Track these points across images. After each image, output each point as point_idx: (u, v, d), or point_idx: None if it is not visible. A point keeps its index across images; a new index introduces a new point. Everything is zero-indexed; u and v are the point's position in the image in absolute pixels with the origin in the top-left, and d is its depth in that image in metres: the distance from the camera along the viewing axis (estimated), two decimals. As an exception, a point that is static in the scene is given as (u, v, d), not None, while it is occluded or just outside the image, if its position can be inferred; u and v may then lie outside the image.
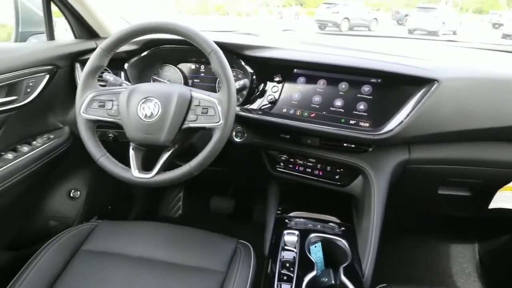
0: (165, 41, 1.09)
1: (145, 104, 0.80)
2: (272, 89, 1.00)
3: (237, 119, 0.81)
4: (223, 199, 1.60)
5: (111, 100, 0.83)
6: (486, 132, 0.88)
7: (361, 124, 0.88)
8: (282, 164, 1.08)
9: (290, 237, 0.89)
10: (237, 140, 1.05)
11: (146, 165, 0.84)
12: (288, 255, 0.86)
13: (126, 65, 1.10)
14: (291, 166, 1.07)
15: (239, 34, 1.24)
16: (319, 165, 1.04)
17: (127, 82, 0.99)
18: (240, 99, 1.04)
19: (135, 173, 0.81)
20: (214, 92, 0.83)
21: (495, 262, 1.38)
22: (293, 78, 0.98)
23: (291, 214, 1.05)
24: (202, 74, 1.16)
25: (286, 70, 0.99)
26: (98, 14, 1.14)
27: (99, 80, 0.88)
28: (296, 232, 0.92)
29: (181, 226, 0.96)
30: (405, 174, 0.98)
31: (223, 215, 1.60)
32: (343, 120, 0.90)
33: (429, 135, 0.88)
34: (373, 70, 0.89)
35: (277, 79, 1.00)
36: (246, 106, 1.02)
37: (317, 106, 0.94)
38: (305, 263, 0.84)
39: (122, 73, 1.11)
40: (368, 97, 0.89)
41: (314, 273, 0.80)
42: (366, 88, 0.90)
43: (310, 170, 1.05)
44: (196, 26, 0.83)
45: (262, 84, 1.03)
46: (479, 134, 0.89)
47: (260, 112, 0.99)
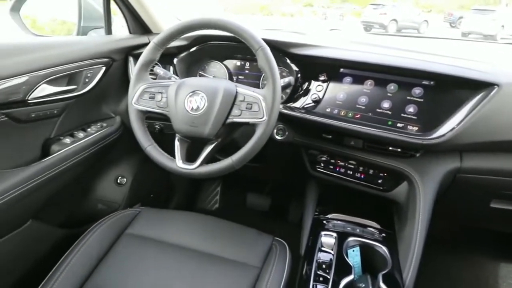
0: (213, 38, 1.12)
1: (192, 98, 0.83)
2: (317, 88, 0.99)
3: (279, 117, 0.81)
4: (260, 196, 1.61)
5: (161, 93, 0.87)
6: None
7: (410, 128, 0.85)
8: (322, 165, 1.07)
9: (328, 239, 0.88)
10: (278, 138, 1.05)
11: (189, 157, 0.87)
12: (325, 257, 0.85)
13: (175, 60, 1.15)
14: (332, 167, 1.05)
15: (285, 33, 1.24)
16: (361, 168, 1.01)
17: (176, 76, 1.03)
18: (284, 97, 1.04)
19: (179, 164, 0.84)
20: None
21: None
22: (339, 78, 0.97)
23: (329, 216, 1.03)
24: (247, 71, 1.17)
25: (332, 69, 0.98)
26: (152, 11, 1.20)
27: (150, 74, 0.93)
28: (334, 234, 0.90)
29: (220, 219, 0.98)
30: (455, 184, 0.93)
31: (258, 212, 1.61)
32: (390, 123, 0.87)
33: (484, 143, 0.83)
34: (426, 72, 0.85)
35: (322, 78, 0.99)
36: (289, 104, 1.02)
37: (363, 107, 0.91)
38: (342, 267, 0.82)
39: (171, 68, 1.15)
40: (419, 100, 0.85)
41: (351, 277, 0.78)
42: (417, 91, 0.86)
43: (351, 173, 1.02)
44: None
45: (307, 83, 1.02)
46: None
47: (303, 111, 0.98)
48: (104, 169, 1.28)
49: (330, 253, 0.86)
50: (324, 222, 0.99)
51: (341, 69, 0.97)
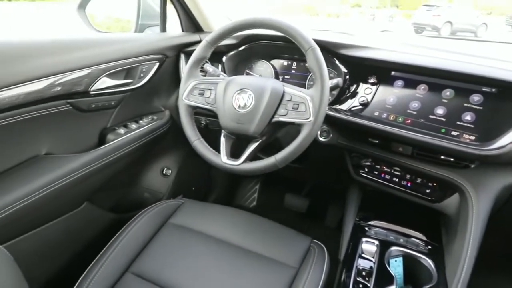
0: (262, 37, 1.14)
1: (240, 95, 0.84)
2: (365, 91, 0.97)
3: (324, 119, 0.81)
4: (298, 197, 1.60)
5: (210, 89, 0.90)
6: None
7: (465, 137, 0.80)
8: (366, 170, 1.04)
9: (369, 246, 0.86)
10: (322, 140, 1.04)
11: (233, 153, 0.89)
12: (365, 264, 0.83)
13: (224, 58, 1.17)
14: (376, 173, 1.02)
15: (335, 33, 1.22)
16: (408, 176, 0.97)
17: (224, 74, 1.05)
18: (330, 99, 1.02)
19: (224, 159, 0.86)
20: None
21: None
22: (390, 81, 0.93)
23: (371, 223, 1.00)
24: (293, 71, 1.17)
25: (383, 72, 0.95)
26: (204, 11, 1.24)
27: (201, 71, 0.96)
28: (376, 242, 0.88)
29: (259, 216, 1.00)
30: None
31: (295, 213, 1.61)
32: (444, 130, 0.83)
33: None
34: (487, 78, 0.80)
35: (372, 81, 0.96)
36: (335, 106, 1.00)
37: (414, 113, 0.88)
38: (383, 276, 0.79)
39: (220, 65, 1.18)
40: (477, 108, 0.80)
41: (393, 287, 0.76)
42: (476, 98, 0.81)
43: (397, 180, 0.99)
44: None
45: (355, 85, 1.00)
46: None
47: (349, 113, 0.96)
48: (152, 160, 1.35)
49: (371, 261, 0.83)
50: (366, 229, 0.97)
51: (393, 72, 0.93)
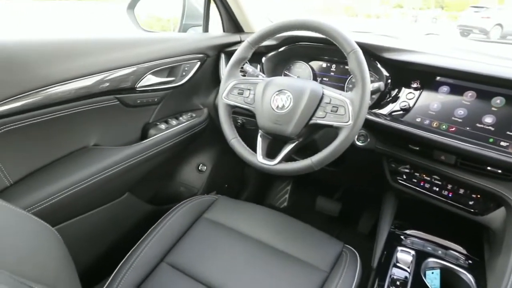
0: (302, 39, 1.14)
1: (279, 96, 0.85)
2: (407, 96, 0.94)
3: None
4: (330, 201, 1.58)
5: (249, 89, 0.91)
6: None
7: (516, 148, 0.75)
8: (405, 176, 1.01)
9: (404, 256, 0.83)
10: (359, 144, 1.02)
11: (268, 153, 0.90)
12: (399, 274, 0.81)
13: (264, 59, 1.19)
14: (415, 181, 0.99)
15: (377, 36, 1.20)
16: (450, 186, 0.93)
17: (263, 74, 1.06)
18: (370, 103, 1.00)
19: (260, 159, 0.87)
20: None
21: None
22: (434, 86, 0.90)
23: (407, 232, 0.97)
24: (332, 73, 1.16)
25: (427, 77, 0.91)
26: (246, 11, 1.26)
27: (240, 71, 0.98)
28: (412, 252, 0.85)
29: (292, 218, 1.00)
30: None
31: (326, 216, 1.59)
32: (492, 140, 0.78)
33: None
34: None
35: (415, 86, 0.93)
36: (375, 110, 0.98)
37: (460, 120, 0.84)
38: (419, 287, 0.77)
39: (258, 66, 1.20)
40: None
41: (429, 300, 0.73)
42: (530, 107, 0.76)
43: (438, 189, 0.95)
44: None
45: (396, 89, 0.97)
46: None
47: (389, 118, 0.94)
48: (188, 156, 1.39)
49: (406, 271, 0.81)
50: (401, 237, 0.94)
51: (438, 77, 0.90)
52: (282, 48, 1.18)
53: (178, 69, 1.12)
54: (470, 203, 0.90)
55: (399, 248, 0.87)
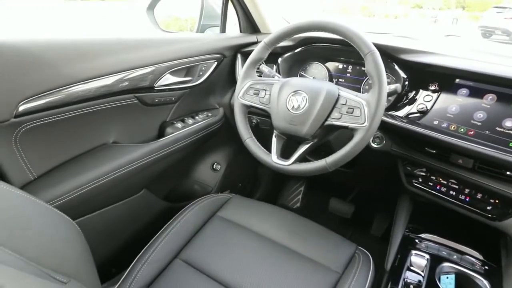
0: (319, 40, 1.14)
1: (294, 97, 0.86)
2: (425, 98, 0.93)
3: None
4: (343, 202, 1.57)
5: (265, 90, 0.92)
6: None
7: (537, 153, 0.74)
8: (420, 180, 1.00)
9: (419, 259, 0.82)
10: (374, 146, 1.02)
11: (282, 154, 0.91)
12: (413, 277, 0.80)
13: (280, 60, 1.19)
14: (431, 184, 0.97)
15: (395, 37, 1.18)
16: (467, 190, 0.92)
17: (279, 75, 1.07)
18: (386, 104, 0.99)
19: (274, 159, 0.87)
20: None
21: None
22: (453, 89, 0.89)
23: (422, 235, 0.96)
24: (348, 75, 1.16)
25: (446, 79, 0.90)
26: (263, 12, 1.27)
27: (256, 71, 0.99)
28: (426, 256, 0.84)
29: (305, 218, 1.00)
30: None
31: (339, 218, 1.58)
32: None
33: None
34: None
35: (433, 88, 0.92)
36: (391, 112, 0.98)
37: (479, 124, 0.82)
38: None
39: (274, 66, 1.20)
40: None
41: (443, 305, 0.72)
42: (553, 111, 0.74)
43: (454, 193, 0.93)
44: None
45: (414, 91, 0.96)
46: None
47: (405, 120, 0.93)
48: (203, 155, 1.41)
49: (420, 275, 0.80)
50: (416, 241, 0.93)
51: (457, 80, 0.89)
52: (298, 49, 1.18)
53: (195, 69, 1.14)
54: (488, 208, 0.88)
55: (413, 252, 0.86)
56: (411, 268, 0.82)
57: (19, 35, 0.75)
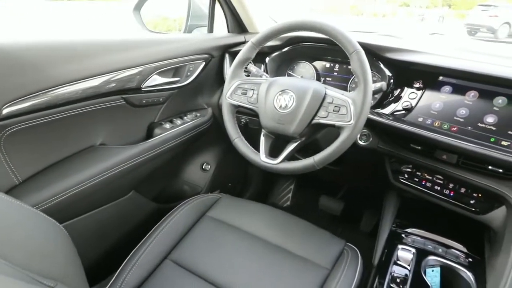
0: (306, 39, 1.15)
1: (282, 96, 0.86)
2: (409, 96, 0.95)
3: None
4: (333, 200, 1.59)
5: (252, 89, 0.92)
6: None
7: (517, 147, 0.76)
8: (406, 176, 1.02)
9: (405, 253, 0.84)
10: (361, 143, 1.03)
11: (271, 153, 0.91)
12: (400, 271, 0.82)
13: (267, 59, 1.20)
14: (417, 180, 0.99)
15: (381, 36, 1.20)
16: (451, 185, 0.94)
17: (266, 74, 1.08)
18: (372, 102, 1.01)
19: (263, 158, 0.88)
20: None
21: None
22: (437, 86, 0.91)
23: (408, 230, 0.98)
24: (335, 73, 1.17)
25: (430, 77, 0.92)
26: (250, 12, 1.28)
27: (244, 71, 0.99)
28: (412, 250, 0.86)
29: (294, 216, 1.01)
30: None
31: (329, 215, 1.60)
32: (493, 140, 0.79)
33: None
34: None
35: (417, 86, 0.94)
36: (377, 110, 0.99)
37: (462, 120, 0.84)
38: (419, 285, 0.78)
39: (262, 66, 1.21)
40: None
41: (428, 298, 0.74)
42: (532, 107, 0.76)
43: (439, 188, 0.95)
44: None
45: (399, 89, 0.98)
46: None
47: (391, 118, 0.95)
48: (193, 155, 1.41)
49: (406, 269, 0.82)
50: (402, 236, 0.95)
51: (441, 77, 0.91)
52: (286, 49, 1.19)
53: (183, 69, 1.14)
54: (471, 202, 0.90)
55: (400, 246, 0.88)
56: (398, 262, 0.84)
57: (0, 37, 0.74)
